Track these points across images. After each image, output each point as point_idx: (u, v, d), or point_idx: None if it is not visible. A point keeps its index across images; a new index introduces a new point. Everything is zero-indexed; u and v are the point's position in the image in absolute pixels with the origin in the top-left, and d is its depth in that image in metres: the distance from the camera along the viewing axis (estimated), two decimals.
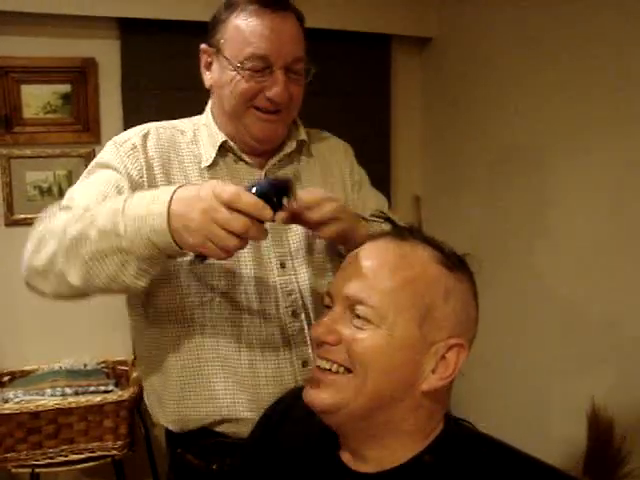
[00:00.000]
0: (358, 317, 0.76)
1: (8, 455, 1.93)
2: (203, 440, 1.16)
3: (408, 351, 0.75)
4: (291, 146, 1.22)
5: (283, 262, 1.16)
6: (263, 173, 1.20)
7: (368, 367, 0.75)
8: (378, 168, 1.26)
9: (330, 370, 0.77)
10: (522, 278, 2.12)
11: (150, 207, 0.87)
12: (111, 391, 2.03)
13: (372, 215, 0.87)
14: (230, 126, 1.16)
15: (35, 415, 1.90)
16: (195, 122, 1.23)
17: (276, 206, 0.86)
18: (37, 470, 1.98)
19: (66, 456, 1.98)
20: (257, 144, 1.16)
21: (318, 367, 0.80)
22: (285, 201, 0.88)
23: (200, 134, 1.20)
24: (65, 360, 2.20)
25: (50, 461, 1.97)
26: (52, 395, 1.94)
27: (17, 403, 1.90)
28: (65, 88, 2.15)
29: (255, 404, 1.10)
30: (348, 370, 0.76)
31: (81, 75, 2.15)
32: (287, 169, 1.23)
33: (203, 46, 1.17)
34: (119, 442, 2.01)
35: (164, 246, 0.86)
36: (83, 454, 1.99)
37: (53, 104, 2.14)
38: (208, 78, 1.18)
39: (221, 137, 1.17)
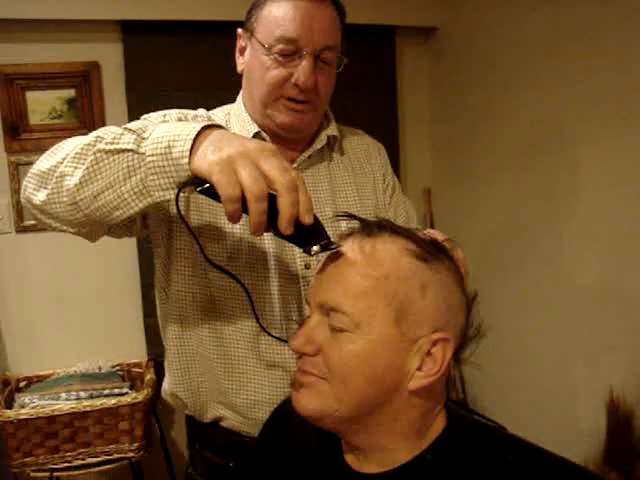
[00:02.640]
0: (333, 325, 0.74)
1: (27, 460, 1.95)
2: (220, 437, 1.17)
3: (388, 353, 0.72)
4: (322, 141, 1.19)
5: (308, 263, 1.13)
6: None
7: (347, 377, 0.73)
8: None
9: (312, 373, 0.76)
10: (545, 267, 2.07)
11: (187, 125, 0.80)
12: (125, 394, 2.03)
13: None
14: (258, 115, 1.14)
15: (51, 419, 1.91)
16: (226, 111, 1.21)
17: (308, 241, 0.78)
18: (55, 474, 2.00)
19: (83, 459, 1.99)
20: (283, 132, 1.13)
21: (299, 369, 0.78)
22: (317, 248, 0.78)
23: (231, 124, 1.18)
24: (80, 364, 2.22)
25: (68, 464, 1.98)
26: (67, 399, 1.95)
27: (33, 408, 1.91)
28: (69, 93, 2.15)
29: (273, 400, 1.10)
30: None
31: (85, 79, 2.16)
32: (318, 166, 1.20)
33: (239, 30, 1.16)
34: (135, 444, 2.02)
35: (177, 156, 0.77)
36: (100, 457, 2.00)
37: (58, 109, 2.15)
38: (240, 63, 1.16)
39: (254, 128, 1.14)
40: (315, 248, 0.77)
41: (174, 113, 1.12)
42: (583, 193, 1.87)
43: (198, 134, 0.78)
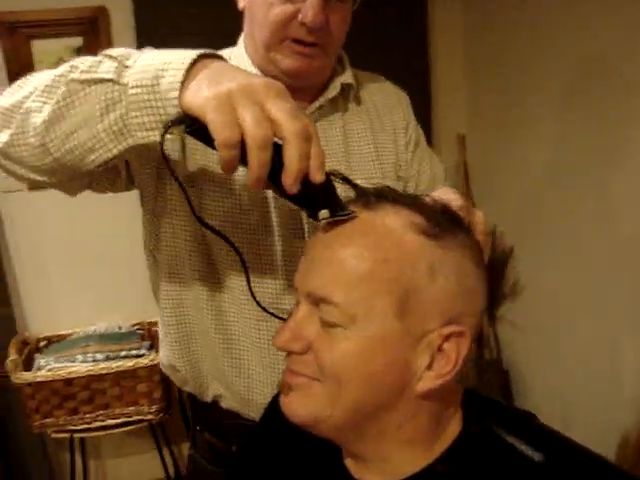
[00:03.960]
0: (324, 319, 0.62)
1: (47, 421, 1.94)
2: (220, 419, 1.10)
3: (390, 351, 0.60)
4: (334, 90, 1.03)
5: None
6: None
7: (341, 379, 0.60)
8: (417, 105, 1.11)
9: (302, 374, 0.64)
10: (590, 222, 1.87)
11: (180, 52, 0.67)
12: (143, 355, 1.98)
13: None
14: (261, 59, 0.98)
15: (68, 382, 1.88)
16: (227, 55, 1.02)
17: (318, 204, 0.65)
18: (76, 435, 1.98)
19: (103, 421, 1.97)
20: (288, 79, 0.94)
21: (288, 369, 0.66)
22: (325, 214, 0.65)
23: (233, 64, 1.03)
24: (99, 323, 2.17)
25: (87, 426, 1.97)
26: (83, 361, 1.91)
27: (49, 371, 1.88)
28: (77, 41, 2.03)
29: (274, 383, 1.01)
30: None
31: (92, 26, 2.03)
32: (330, 119, 1.05)
33: None
34: (154, 407, 1.98)
35: (166, 88, 0.65)
36: (119, 419, 1.98)
37: (66, 59, 2.03)
38: None
39: (254, 72, 0.98)
40: (323, 212, 0.64)
41: None
42: (635, 141, 1.67)
43: (193, 63, 0.65)
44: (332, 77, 1.04)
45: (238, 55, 1.03)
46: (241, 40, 1.05)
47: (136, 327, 2.20)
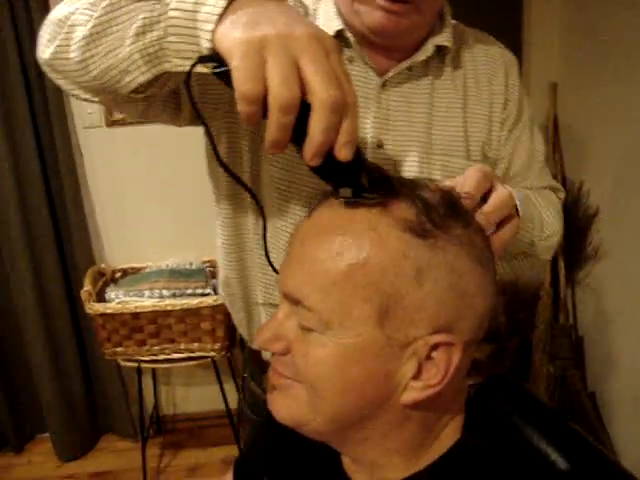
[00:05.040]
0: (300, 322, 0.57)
1: (117, 349, 2.04)
2: (264, 370, 1.07)
3: (369, 360, 0.55)
4: (427, 52, 0.90)
5: (381, 140, 0.90)
6: (381, 82, 0.90)
7: (317, 387, 0.56)
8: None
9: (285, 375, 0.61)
10: None
11: None
12: (208, 294, 2.03)
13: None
14: (346, 9, 0.86)
15: (135, 315, 1.96)
16: None
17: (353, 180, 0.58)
18: (143, 365, 2.08)
19: (168, 354, 2.05)
20: (372, 36, 0.85)
21: (272, 367, 0.63)
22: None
23: (319, 13, 0.91)
24: (171, 259, 2.23)
25: (154, 357, 2.06)
26: (150, 297, 1.98)
27: (118, 304, 1.97)
28: None
29: None
30: None
31: None
32: (418, 83, 0.92)
33: None
34: (217, 345, 2.04)
35: (203, 18, 0.59)
36: (184, 353, 2.05)
37: None
38: None
39: (337, 24, 0.87)
40: (344, 191, 0.57)
41: None
42: None
43: None
44: (428, 36, 0.91)
45: (326, 1, 0.92)
46: None
47: (206, 265, 2.24)
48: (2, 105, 2.04)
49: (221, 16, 0.57)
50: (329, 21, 0.88)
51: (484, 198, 0.68)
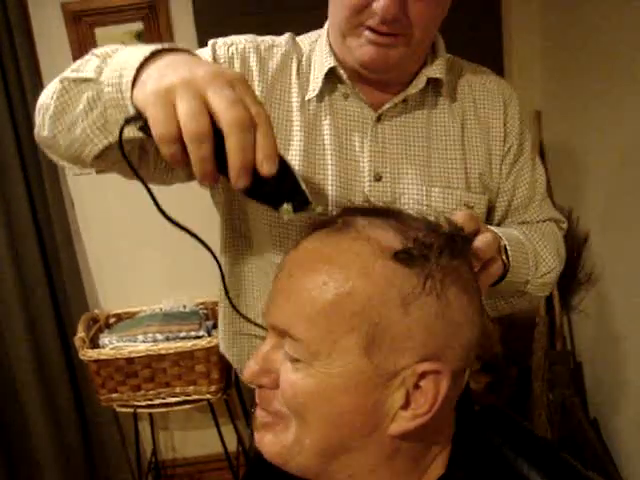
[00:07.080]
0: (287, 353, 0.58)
1: (112, 395, 2.03)
2: None
3: (357, 391, 0.55)
4: (419, 84, 0.93)
5: (379, 174, 0.93)
6: (376, 116, 0.93)
7: (305, 418, 0.56)
8: None
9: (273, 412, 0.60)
10: None
11: (143, 49, 0.68)
12: (202, 336, 2.02)
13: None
14: (339, 46, 0.91)
15: (129, 360, 1.95)
16: (314, 38, 0.99)
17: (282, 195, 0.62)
18: (139, 410, 2.06)
19: (164, 398, 2.03)
20: (363, 70, 0.89)
21: (258, 405, 0.63)
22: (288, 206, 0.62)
23: (314, 54, 0.96)
24: (164, 301, 2.23)
25: (150, 402, 2.04)
26: (143, 341, 1.97)
27: (112, 349, 1.96)
28: (137, 26, 2.05)
29: None
30: None
31: (152, 10, 2.04)
32: (414, 115, 0.95)
33: None
34: (212, 387, 2.02)
35: (125, 87, 0.65)
36: (179, 397, 2.03)
37: (127, 44, 2.06)
38: None
39: (330, 62, 0.92)
40: (285, 207, 0.60)
41: (244, 41, 0.94)
42: None
43: (149, 58, 0.65)
44: (421, 68, 0.94)
45: (321, 41, 0.96)
46: (327, 23, 0.97)
47: (200, 307, 2.24)
48: None
49: (135, 81, 0.64)
50: (323, 60, 0.93)
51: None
